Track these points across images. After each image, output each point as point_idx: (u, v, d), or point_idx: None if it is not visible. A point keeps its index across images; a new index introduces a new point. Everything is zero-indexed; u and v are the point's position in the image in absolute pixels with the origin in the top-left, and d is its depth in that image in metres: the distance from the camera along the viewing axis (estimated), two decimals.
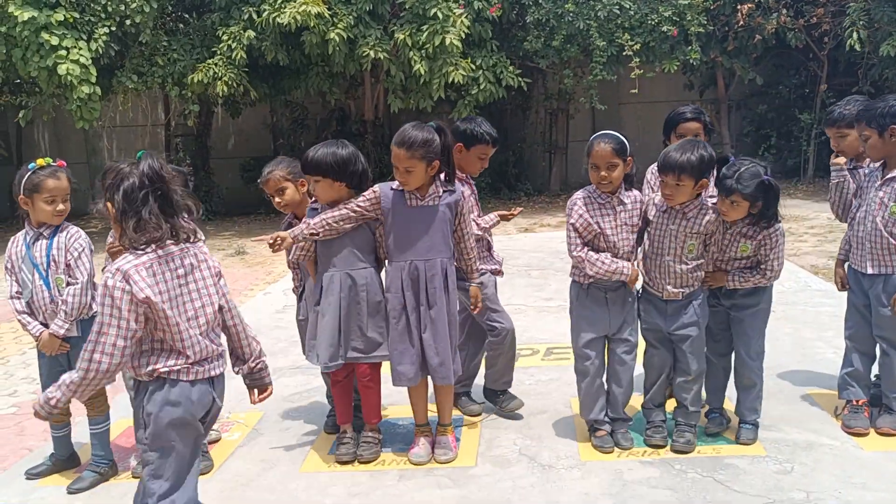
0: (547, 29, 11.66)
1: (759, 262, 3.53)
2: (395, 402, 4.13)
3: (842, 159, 3.82)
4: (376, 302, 3.51)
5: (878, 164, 3.64)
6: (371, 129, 12.91)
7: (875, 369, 3.81)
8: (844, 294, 3.95)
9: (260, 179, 3.82)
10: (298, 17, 9.47)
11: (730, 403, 3.76)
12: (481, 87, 10.67)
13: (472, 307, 3.71)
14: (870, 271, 3.59)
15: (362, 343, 3.49)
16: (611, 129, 3.70)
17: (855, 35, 11.01)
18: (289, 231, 3.50)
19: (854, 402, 3.69)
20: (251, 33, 10.08)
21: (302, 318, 3.86)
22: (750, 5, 11.66)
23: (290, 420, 4.17)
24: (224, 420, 4.13)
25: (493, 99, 11.03)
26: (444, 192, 3.51)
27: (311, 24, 9.61)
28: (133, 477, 3.48)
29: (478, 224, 3.87)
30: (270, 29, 9.98)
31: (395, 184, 3.49)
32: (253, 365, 2.76)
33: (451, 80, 10.15)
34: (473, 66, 10.53)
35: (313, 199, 3.66)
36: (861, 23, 11.05)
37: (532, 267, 7.82)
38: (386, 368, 3.65)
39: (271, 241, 3.42)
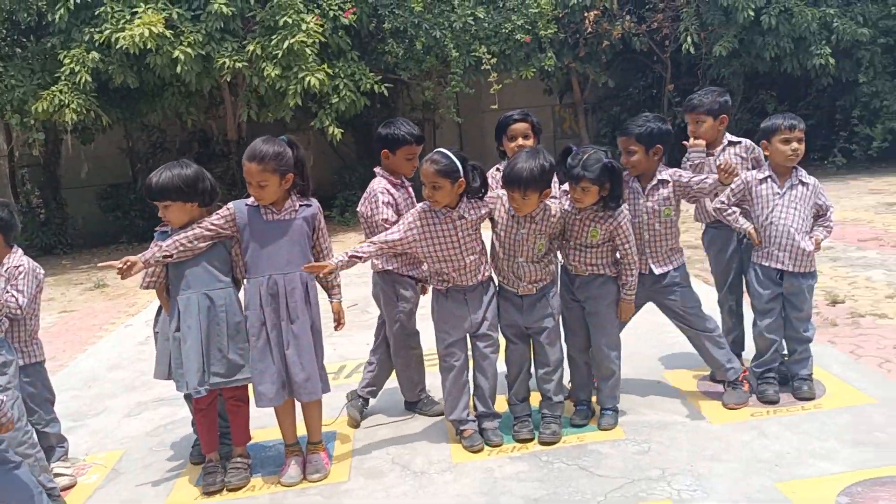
0: (406, 40, 11.79)
1: (616, 252, 3.67)
2: (265, 425, 4.03)
3: (701, 142, 4.06)
4: (236, 322, 3.42)
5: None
6: (235, 148, 12.56)
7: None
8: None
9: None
10: (137, 39, 9.11)
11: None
12: (341, 94, 10.62)
13: (335, 324, 3.68)
14: None
15: (223, 367, 3.39)
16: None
17: (689, 39, 11.81)
18: (139, 255, 3.36)
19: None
20: (95, 55, 9.60)
21: (157, 331, 3.72)
22: (596, 12, 12.26)
23: (154, 455, 3.98)
24: (79, 463, 3.89)
25: (354, 108, 10.99)
26: (300, 205, 3.47)
27: (151, 46, 9.26)
28: None
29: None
30: (115, 51, 9.54)
31: (250, 200, 3.43)
32: None
33: (308, 84, 10.03)
34: (331, 72, 10.46)
35: (162, 223, 3.53)
36: (693, 27, 11.86)
37: None
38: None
39: (120, 266, 3.27)
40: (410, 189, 4.02)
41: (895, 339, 4.65)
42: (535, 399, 3.83)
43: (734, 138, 4.10)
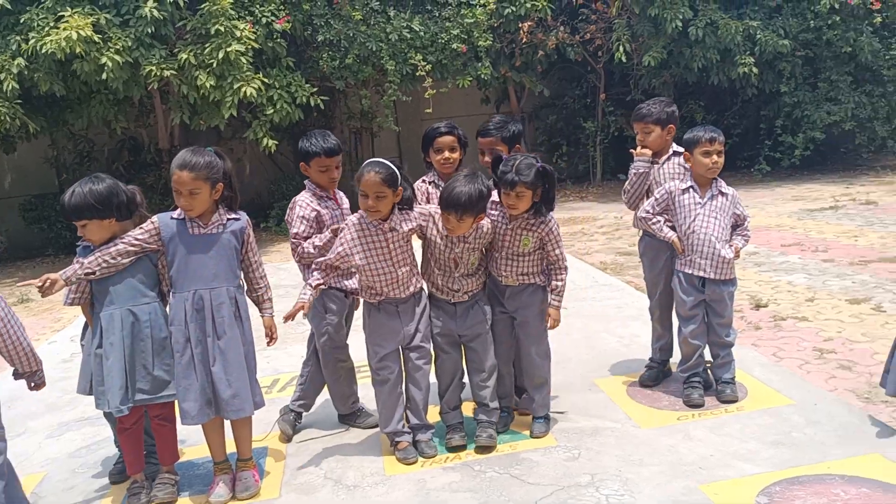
0: (341, 50, 11.75)
1: (547, 261, 3.72)
2: (196, 443, 3.94)
3: (648, 151, 4.15)
4: (162, 338, 3.34)
5: None
6: (167, 157, 12.29)
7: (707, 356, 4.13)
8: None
9: None
10: (64, 44, 8.84)
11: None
12: (277, 107, 10.51)
13: (267, 340, 3.62)
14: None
15: (148, 383, 3.30)
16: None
17: (621, 48, 12.10)
18: (60, 272, 3.25)
19: None
20: (21, 61, 9.28)
21: (84, 343, 3.61)
22: (530, 23, 12.44)
23: (77, 477, 3.85)
24: None
25: (289, 120, 10.89)
26: (228, 219, 3.42)
27: (79, 51, 9.00)
28: None
29: (313, 243, 3.78)
30: (42, 57, 9.24)
31: (175, 213, 3.35)
32: None
33: (243, 94, 9.90)
34: (267, 81, 10.34)
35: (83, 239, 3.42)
36: (625, 37, 12.16)
37: None
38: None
39: (40, 284, 3.16)
40: (341, 199, 4.01)
41: (814, 342, 4.84)
42: (466, 408, 3.86)
43: (679, 148, 4.21)
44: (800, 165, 13.21)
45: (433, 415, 3.83)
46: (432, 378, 3.77)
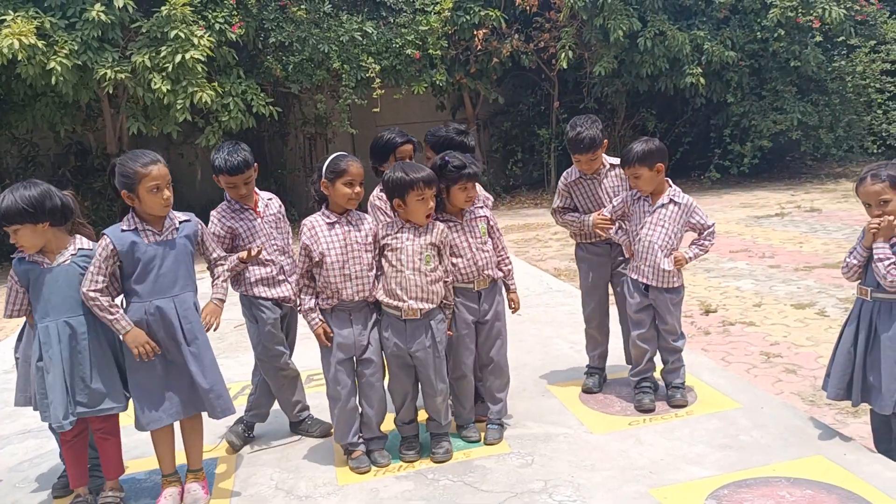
0: (294, 53, 11.67)
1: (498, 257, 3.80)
2: (142, 455, 3.85)
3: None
4: (100, 350, 3.25)
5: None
6: None
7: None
8: (580, 293, 4.35)
9: None
10: (6, 51, 8.59)
11: None
12: (231, 114, 10.38)
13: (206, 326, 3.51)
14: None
15: (86, 396, 3.20)
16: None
17: (563, 55, 12.27)
18: (125, 327, 3.20)
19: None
20: None
21: (18, 356, 3.52)
22: (485, 31, 12.52)
23: (18, 492, 3.72)
24: None
25: (242, 128, 10.78)
26: (180, 222, 3.35)
27: (21, 57, 8.76)
28: None
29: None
30: None
31: (123, 225, 3.27)
32: None
33: (197, 100, 9.77)
34: (222, 91, 10.22)
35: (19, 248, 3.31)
36: (570, 44, 12.33)
37: None
38: (126, 419, 3.40)
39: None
40: (269, 205, 3.93)
41: (761, 346, 4.95)
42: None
43: (613, 160, 4.24)
44: (748, 173, 13.54)
45: (388, 422, 3.80)
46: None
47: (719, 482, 3.19)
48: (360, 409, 3.68)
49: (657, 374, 4.18)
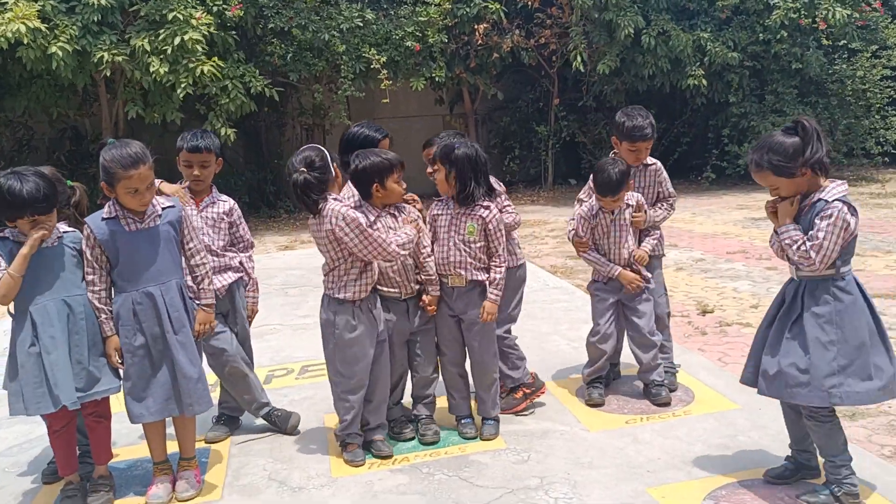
0: (293, 42, 11.59)
1: (487, 252, 3.69)
2: (132, 443, 3.81)
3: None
4: (95, 332, 3.21)
5: None
6: None
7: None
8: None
9: None
10: (10, 35, 8.51)
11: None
12: (231, 96, 10.30)
13: (195, 335, 3.46)
14: None
15: (83, 380, 3.15)
16: None
17: (578, 58, 12.20)
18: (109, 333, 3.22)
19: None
20: None
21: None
22: (486, 25, 12.46)
23: (6, 477, 3.68)
24: None
25: (243, 110, 10.70)
26: (163, 209, 3.29)
27: (26, 41, 8.69)
28: None
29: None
30: None
31: (103, 212, 3.21)
32: None
33: (199, 74, 9.67)
34: (221, 73, 10.14)
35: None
36: (583, 45, 12.27)
37: (290, 285, 7.68)
38: (118, 406, 3.36)
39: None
40: (204, 205, 3.85)
41: None
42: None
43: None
44: (745, 175, 13.51)
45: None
46: None
47: (717, 482, 3.17)
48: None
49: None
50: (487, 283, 3.66)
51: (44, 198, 3.09)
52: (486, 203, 3.66)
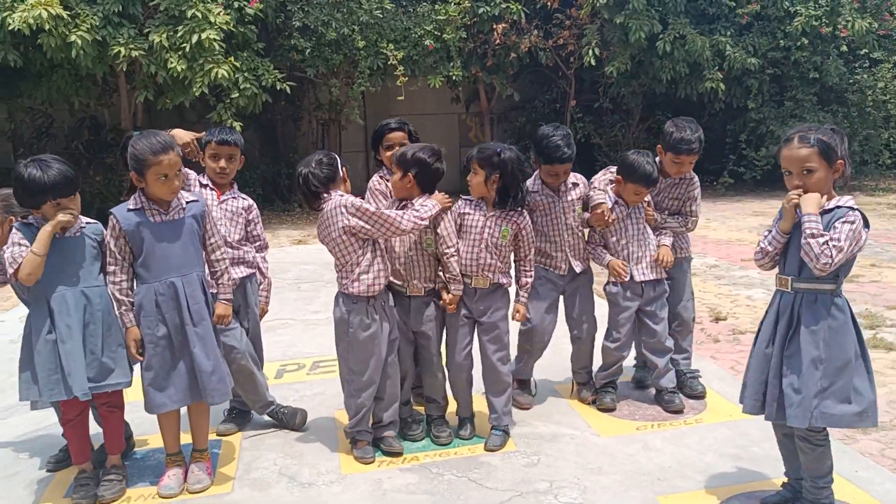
0: (313, 37, 11.61)
1: (517, 256, 3.74)
2: (146, 433, 3.84)
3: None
4: (110, 322, 3.24)
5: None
6: None
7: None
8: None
9: None
10: (32, 21, 8.58)
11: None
12: (241, 89, 10.34)
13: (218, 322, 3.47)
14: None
15: (94, 370, 3.18)
16: None
17: (590, 52, 12.17)
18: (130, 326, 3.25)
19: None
20: None
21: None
22: (504, 25, 12.44)
23: (20, 463, 3.71)
24: None
25: (255, 103, 10.73)
26: (187, 202, 3.32)
27: (48, 28, 8.77)
28: None
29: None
30: (1, 30, 8.96)
31: (129, 204, 3.24)
32: None
33: (214, 76, 9.74)
34: (237, 65, 10.19)
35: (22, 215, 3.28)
36: (595, 42, 12.23)
37: (302, 280, 7.70)
38: (130, 395, 3.38)
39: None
40: (226, 197, 3.89)
41: None
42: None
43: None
44: (761, 181, 13.45)
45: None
46: None
47: (728, 493, 3.16)
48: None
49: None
50: (519, 286, 3.76)
51: (66, 181, 3.13)
52: (519, 209, 3.68)
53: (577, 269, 4.03)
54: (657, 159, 4.04)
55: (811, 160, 2.75)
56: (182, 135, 3.64)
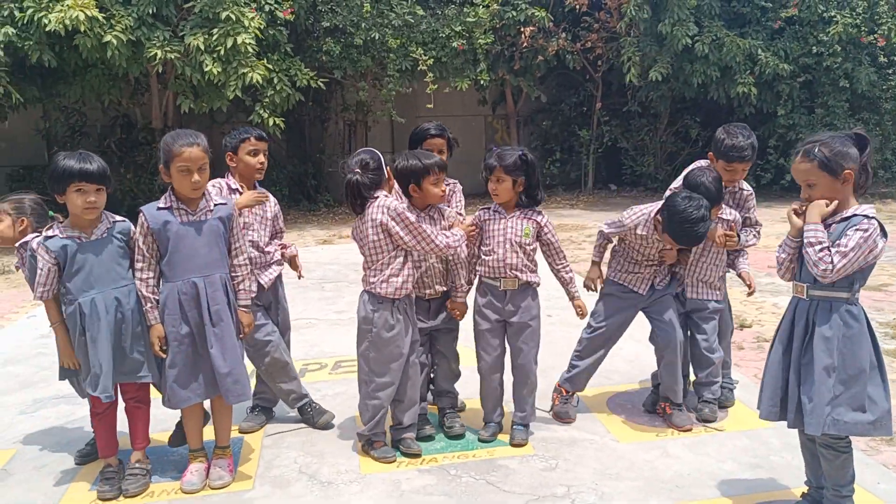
0: (342, 39, 11.71)
1: (548, 253, 3.79)
2: (170, 428, 3.90)
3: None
4: (139, 320, 3.31)
5: None
6: (160, 137, 12.19)
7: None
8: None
9: None
10: (68, 23, 8.77)
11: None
12: (276, 88, 10.48)
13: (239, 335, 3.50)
14: None
15: (124, 365, 3.28)
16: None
17: (632, 70, 12.08)
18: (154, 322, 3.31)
19: None
20: (9, 30, 9.16)
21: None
22: (532, 28, 12.44)
23: (48, 456, 3.80)
24: None
25: (288, 102, 10.86)
26: (215, 204, 3.38)
27: (83, 29, 8.94)
28: None
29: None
30: (34, 28, 9.15)
31: (160, 202, 3.31)
32: None
33: (248, 81, 9.89)
34: (270, 67, 10.34)
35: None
36: (636, 57, 12.14)
37: (326, 280, 7.77)
38: (155, 392, 3.45)
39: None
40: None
41: None
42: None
43: None
44: (789, 187, 13.28)
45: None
46: None
47: (747, 502, 3.14)
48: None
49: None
50: (565, 282, 3.85)
51: (96, 167, 3.21)
52: (537, 208, 3.74)
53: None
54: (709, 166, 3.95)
55: (811, 175, 2.81)
56: (245, 202, 3.76)
